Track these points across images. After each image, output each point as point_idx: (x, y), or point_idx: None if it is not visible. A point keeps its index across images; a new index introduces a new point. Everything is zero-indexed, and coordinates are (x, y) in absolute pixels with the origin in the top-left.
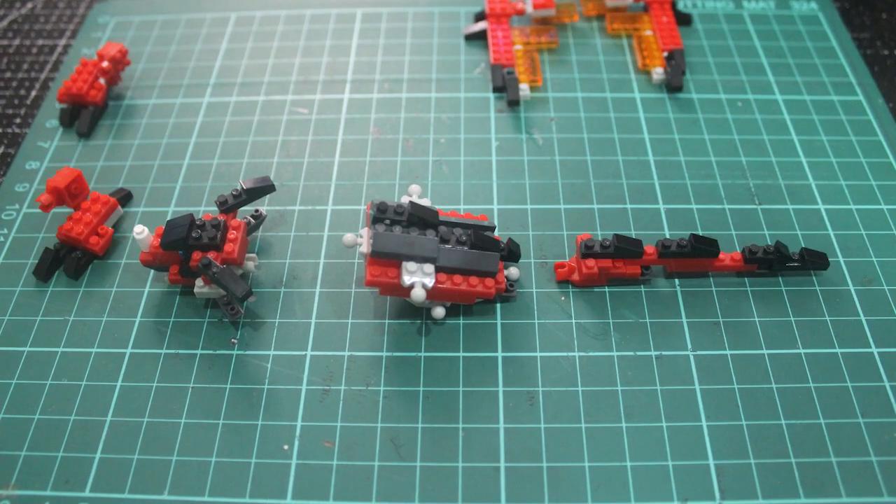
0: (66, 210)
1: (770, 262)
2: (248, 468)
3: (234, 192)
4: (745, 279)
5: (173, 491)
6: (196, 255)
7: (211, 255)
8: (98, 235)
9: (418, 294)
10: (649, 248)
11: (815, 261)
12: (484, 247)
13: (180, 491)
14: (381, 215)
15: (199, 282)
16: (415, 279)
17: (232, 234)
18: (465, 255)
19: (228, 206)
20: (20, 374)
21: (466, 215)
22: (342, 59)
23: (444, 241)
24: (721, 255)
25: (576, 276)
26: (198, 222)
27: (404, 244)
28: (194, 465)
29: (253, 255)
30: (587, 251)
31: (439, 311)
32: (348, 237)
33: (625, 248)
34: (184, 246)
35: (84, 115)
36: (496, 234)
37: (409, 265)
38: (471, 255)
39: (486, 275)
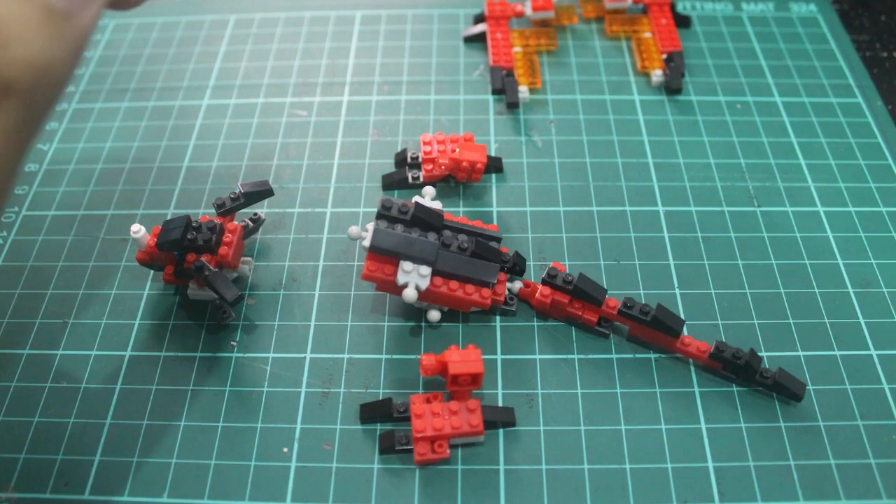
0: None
1: (736, 369)
2: (247, 471)
3: (232, 195)
4: (745, 282)
5: (173, 494)
6: (190, 256)
7: (205, 258)
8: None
9: (409, 294)
10: (612, 301)
11: (787, 388)
12: (484, 256)
13: (180, 494)
14: (386, 212)
15: (192, 283)
16: (409, 279)
17: (228, 238)
18: (464, 262)
19: (226, 209)
20: (19, 377)
21: (476, 223)
22: (341, 61)
23: (445, 245)
24: (685, 339)
25: (533, 301)
26: (194, 224)
27: (403, 243)
28: (194, 468)
29: (248, 258)
30: (549, 279)
31: (434, 315)
32: (353, 229)
33: (583, 290)
34: (179, 247)
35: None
36: (503, 246)
37: (406, 265)
38: (470, 262)
39: (483, 284)
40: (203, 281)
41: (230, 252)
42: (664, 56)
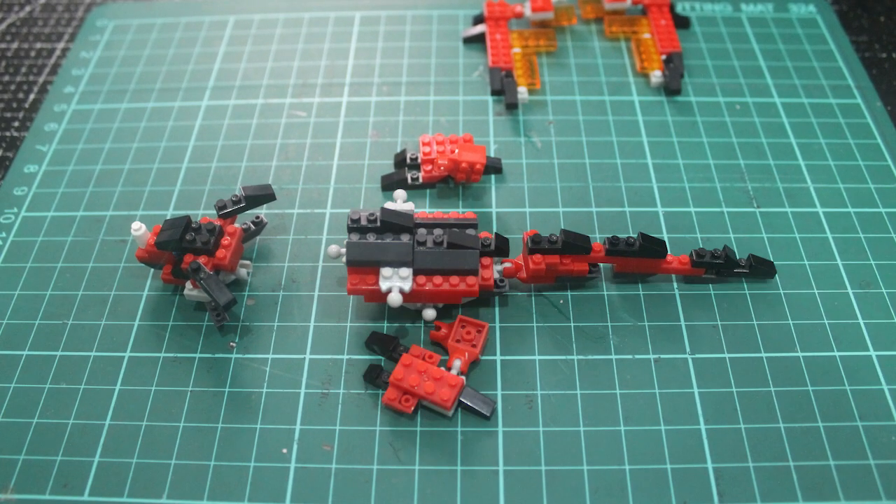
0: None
1: (717, 267)
2: (246, 472)
3: (233, 198)
4: (744, 283)
5: (172, 494)
6: (187, 258)
7: (202, 260)
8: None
9: (394, 299)
10: (597, 246)
11: (761, 268)
12: (461, 245)
13: (179, 494)
14: (355, 224)
15: (188, 284)
16: (391, 284)
17: (226, 241)
18: (441, 256)
19: (227, 211)
20: (18, 378)
21: (452, 214)
22: (341, 62)
23: (420, 243)
24: (668, 258)
25: (522, 274)
26: (194, 225)
27: (376, 250)
28: (193, 469)
29: (247, 261)
30: (534, 246)
31: (429, 313)
32: (332, 248)
33: (572, 244)
34: (177, 247)
35: None
36: (491, 231)
37: (385, 271)
38: (448, 254)
39: (466, 273)
40: (198, 283)
41: (227, 255)
42: (663, 57)
